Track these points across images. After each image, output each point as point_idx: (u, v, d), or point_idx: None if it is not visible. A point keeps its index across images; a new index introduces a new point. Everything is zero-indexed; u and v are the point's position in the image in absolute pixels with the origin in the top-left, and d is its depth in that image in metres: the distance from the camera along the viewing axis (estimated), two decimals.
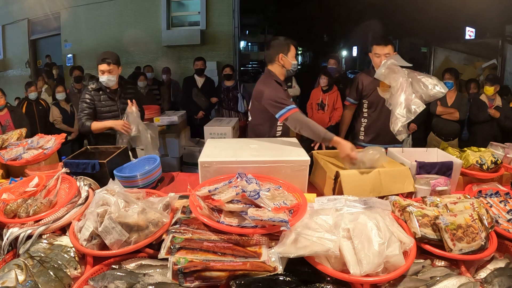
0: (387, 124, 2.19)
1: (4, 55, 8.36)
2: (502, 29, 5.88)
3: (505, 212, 1.47)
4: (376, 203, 1.29)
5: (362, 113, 2.58)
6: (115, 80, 2.44)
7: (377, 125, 2.49)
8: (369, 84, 2.46)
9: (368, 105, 2.51)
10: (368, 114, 2.53)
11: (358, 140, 2.61)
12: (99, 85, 2.45)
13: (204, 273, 1.01)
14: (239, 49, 6.91)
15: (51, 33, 7.59)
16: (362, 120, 2.57)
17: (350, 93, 2.60)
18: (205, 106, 4.65)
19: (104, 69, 2.38)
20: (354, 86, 2.57)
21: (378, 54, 2.34)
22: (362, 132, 2.58)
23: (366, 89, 2.48)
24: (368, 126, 2.55)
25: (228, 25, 6.41)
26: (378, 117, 2.47)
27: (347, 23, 10.75)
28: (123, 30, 6.56)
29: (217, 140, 2.39)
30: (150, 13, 6.58)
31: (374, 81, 2.39)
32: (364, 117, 2.56)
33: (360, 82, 2.51)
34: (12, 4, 7.67)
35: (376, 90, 2.40)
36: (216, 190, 1.25)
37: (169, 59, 6.53)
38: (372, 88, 2.44)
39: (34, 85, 4.43)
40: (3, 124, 3.39)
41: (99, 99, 2.46)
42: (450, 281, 1.06)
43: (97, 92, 2.46)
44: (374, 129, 2.52)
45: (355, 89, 2.54)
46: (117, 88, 2.51)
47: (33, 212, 1.34)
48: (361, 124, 2.59)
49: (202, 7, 6.38)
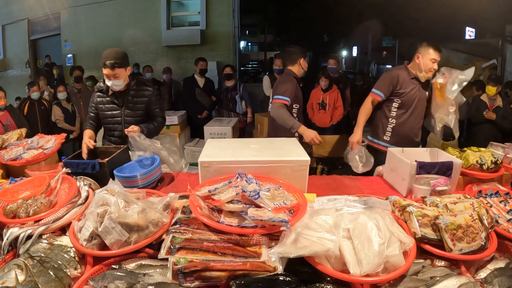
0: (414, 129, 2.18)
1: (4, 55, 8.37)
2: (502, 29, 5.89)
3: (505, 212, 1.47)
4: (376, 203, 1.29)
5: (389, 112, 2.43)
6: (122, 84, 2.16)
7: (405, 128, 2.38)
8: (406, 82, 2.33)
9: (399, 105, 2.38)
10: (397, 115, 2.40)
11: (381, 140, 2.47)
12: (104, 85, 2.20)
13: (204, 273, 1.01)
14: (239, 49, 6.92)
15: (51, 33, 7.61)
16: (390, 120, 2.42)
17: (380, 86, 2.40)
18: (208, 106, 4.65)
19: (108, 74, 2.08)
20: (387, 80, 2.38)
21: (435, 59, 2.27)
22: (388, 132, 2.43)
23: (402, 87, 2.34)
24: (396, 128, 2.41)
25: (228, 25, 6.42)
26: (407, 119, 2.37)
27: (347, 23, 10.76)
28: (123, 30, 6.57)
29: (217, 140, 2.39)
30: (150, 13, 6.59)
31: (412, 82, 2.31)
32: (391, 117, 2.41)
33: (396, 77, 2.35)
34: (12, 4, 7.68)
35: (411, 91, 2.30)
36: (216, 190, 1.25)
37: (169, 59, 6.54)
38: (409, 88, 2.32)
39: (36, 85, 4.42)
40: (4, 124, 3.42)
41: (103, 101, 2.24)
42: (450, 281, 1.06)
43: (102, 94, 2.24)
44: (402, 132, 2.39)
45: (389, 84, 2.36)
46: (125, 90, 2.20)
47: (33, 212, 1.34)
48: (387, 123, 2.43)
49: (202, 7, 6.39)
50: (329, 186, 1.86)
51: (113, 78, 2.08)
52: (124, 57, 2.13)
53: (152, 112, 2.31)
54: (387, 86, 2.38)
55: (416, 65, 2.34)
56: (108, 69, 2.05)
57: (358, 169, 2.23)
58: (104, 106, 2.24)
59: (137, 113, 2.25)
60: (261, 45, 18.89)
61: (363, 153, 2.25)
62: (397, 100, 2.38)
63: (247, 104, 4.57)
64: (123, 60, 2.10)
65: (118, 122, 2.25)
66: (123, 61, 2.10)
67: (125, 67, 2.13)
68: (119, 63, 2.06)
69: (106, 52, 2.09)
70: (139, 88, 2.24)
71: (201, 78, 4.66)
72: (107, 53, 2.08)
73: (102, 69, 2.08)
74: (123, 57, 2.11)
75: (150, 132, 2.19)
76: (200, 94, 4.59)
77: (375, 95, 2.42)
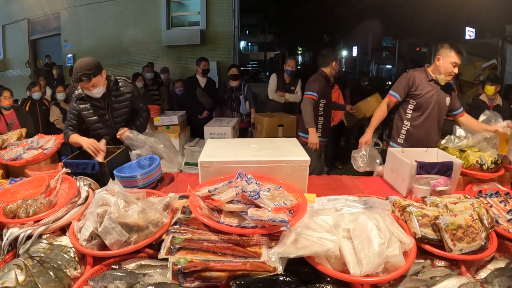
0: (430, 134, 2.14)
1: (4, 55, 8.37)
2: (502, 29, 5.89)
3: (505, 212, 1.47)
4: (376, 203, 1.29)
5: (405, 114, 2.39)
6: (103, 90, 2.07)
7: (420, 132, 2.33)
8: (423, 84, 2.29)
9: (414, 107, 2.33)
10: (412, 117, 2.35)
11: (395, 142, 2.43)
12: (83, 92, 2.08)
13: (204, 273, 1.01)
14: (239, 49, 6.92)
15: (51, 33, 7.61)
16: (405, 122, 2.38)
17: (396, 88, 2.36)
18: (209, 106, 4.65)
19: (86, 86, 1.99)
20: (403, 81, 2.34)
21: (456, 63, 2.19)
22: (402, 135, 2.40)
23: (418, 89, 2.29)
24: (410, 130, 2.37)
25: (228, 25, 6.42)
26: (423, 123, 2.32)
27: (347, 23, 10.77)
28: (123, 30, 6.57)
29: (217, 140, 2.39)
30: (150, 13, 6.59)
31: (429, 84, 2.28)
32: (407, 119, 2.37)
33: (412, 79, 2.30)
34: (12, 4, 7.68)
35: (428, 93, 2.27)
36: (216, 190, 1.25)
37: (169, 59, 6.53)
38: (425, 90, 2.29)
39: (38, 85, 4.43)
40: (9, 123, 3.44)
41: (86, 108, 2.13)
42: (450, 281, 1.06)
43: (83, 101, 2.12)
44: (417, 135, 2.34)
45: (405, 84, 2.32)
46: (106, 92, 2.12)
47: (33, 212, 1.33)
48: (402, 125, 2.39)
49: (202, 7, 6.39)
50: (329, 186, 1.86)
51: (92, 88, 2.01)
52: (96, 65, 2.01)
53: (136, 107, 2.28)
54: (402, 87, 2.33)
55: (436, 67, 2.28)
56: (84, 82, 1.96)
57: (359, 168, 2.22)
58: (88, 112, 2.16)
59: (124, 111, 2.22)
60: (261, 45, 18.92)
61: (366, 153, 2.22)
62: (413, 101, 2.33)
63: (251, 104, 4.56)
64: (96, 68, 2.00)
65: (107, 126, 2.20)
66: (96, 69, 1.99)
67: (100, 73, 2.03)
68: (93, 72, 1.96)
69: (76, 66, 1.98)
70: (119, 87, 2.19)
71: (202, 78, 4.64)
72: (78, 67, 1.96)
73: (79, 83, 2.00)
74: (95, 65, 2.00)
75: (138, 129, 2.16)
76: (201, 94, 4.58)
77: (391, 96, 2.38)
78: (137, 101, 2.28)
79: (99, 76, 2.01)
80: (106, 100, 2.16)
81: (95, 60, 2.02)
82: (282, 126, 3.85)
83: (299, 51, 18.85)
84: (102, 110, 2.17)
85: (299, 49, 18.64)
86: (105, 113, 2.18)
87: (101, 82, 2.04)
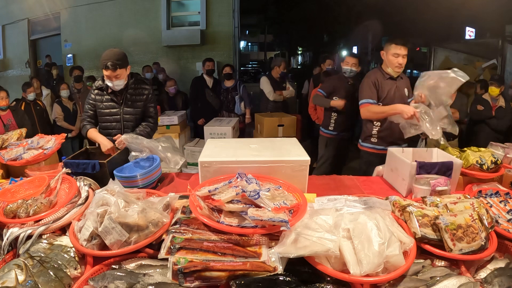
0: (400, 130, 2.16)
1: (4, 55, 8.36)
2: (502, 29, 5.89)
3: (505, 212, 1.47)
4: (376, 203, 1.29)
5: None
6: (123, 84, 2.17)
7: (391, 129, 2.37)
8: (383, 83, 2.33)
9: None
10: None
11: (369, 143, 2.51)
12: (104, 83, 2.19)
13: (204, 273, 1.01)
14: (239, 49, 6.92)
15: (51, 33, 7.60)
16: (375, 123, 2.45)
17: (367, 94, 2.37)
18: (218, 106, 4.61)
19: (110, 75, 2.08)
20: (369, 85, 2.37)
21: (398, 54, 2.28)
22: (375, 135, 2.47)
23: (381, 89, 2.36)
24: (381, 129, 2.43)
25: (228, 25, 6.42)
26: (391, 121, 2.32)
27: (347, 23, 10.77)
28: (123, 30, 6.57)
29: (217, 140, 2.39)
30: (150, 13, 6.59)
31: (387, 82, 2.30)
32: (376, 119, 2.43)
33: (375, 80, 2.36)
34: (12, 4, 7.67)
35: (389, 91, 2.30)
36: (216, 190, 1.25)
37: (169, 59, 6.54)
38: (387, 88, 2.32)
39: (32, 86, 4.46)
40: (6, 123, 3.44)
41: (101, 99, 2.23)
42: (450, 281, 1.06)
43: (101, 91, 2.23)
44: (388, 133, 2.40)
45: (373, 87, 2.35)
46: (124, 88, 2.21)
47: (33, 212, 1.34)
48: (372, 127, 2.46)
49: (202, 7, 6.39)
50: (329, 186, 1.86)
51: (115, 79, 2.09)
52: (124, 57, 2.13)
53: (147, 110, 2.32)
54: (372, 91, 2.36)
55: (385, 63, 2.36)
56: (110, 70, 2.05)
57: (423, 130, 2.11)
58: (103, 104, 2.24)
59: (136, 111, 2.27)
60: (261, 45, 18.93)
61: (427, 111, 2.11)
62: (379, 103, 2.38)
63: (246, 105, 4.51)
64: (124, 60, 2.11)
65: (116, 120, 2.26)
66: (123, 62, 2.10)
67: (126, 67, 2.14)
68: (120, 63, 2.07)
69: (106, 54, 2.08)
70: (138, 86, 2.26)
71: (209, 79, 4.61)
72: (108, 55, 2.07)
73: (103, 71, 2.08)
74: (123, 57, 2.11)
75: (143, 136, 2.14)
76: (210, 95, 4.55)
77: (368, 104, 2.36)
78: (150, 104, 2.32)
79: (124, 70, 2.11)
80: (122, 95, 2.22)
81: (124, 53, 2.14)
82: (282, 126, 3.86)
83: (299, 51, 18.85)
84: (116, 105, 2.23)
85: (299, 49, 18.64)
86: (118, 108, 2.24)
87: (123, 76, 2.13)
